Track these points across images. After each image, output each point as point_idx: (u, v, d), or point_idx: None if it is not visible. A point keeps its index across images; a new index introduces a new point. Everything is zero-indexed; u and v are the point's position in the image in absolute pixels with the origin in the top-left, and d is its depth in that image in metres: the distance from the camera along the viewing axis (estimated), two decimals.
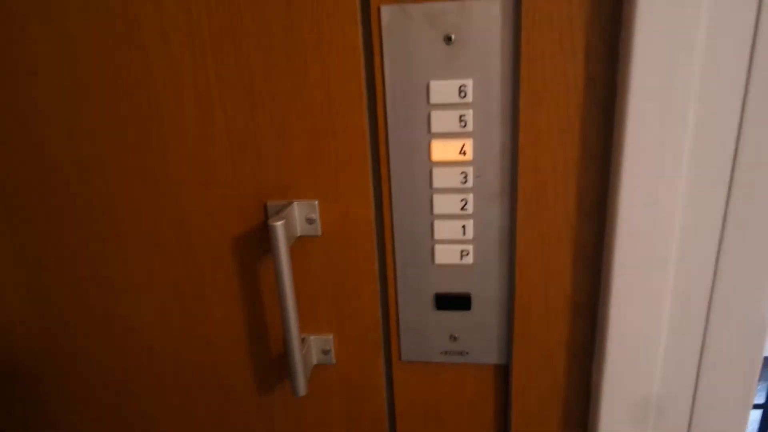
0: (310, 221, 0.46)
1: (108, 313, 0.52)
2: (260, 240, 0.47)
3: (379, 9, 0.39)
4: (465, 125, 0.41)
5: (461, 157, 0.42)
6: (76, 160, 0.47)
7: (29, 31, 0.44)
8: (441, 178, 0.43)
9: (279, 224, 0.41)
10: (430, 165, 0.43)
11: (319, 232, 0.46)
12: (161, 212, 0.48)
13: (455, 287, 0.46)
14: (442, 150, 0.42)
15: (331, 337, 0.50)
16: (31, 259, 0.52)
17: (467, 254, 0.45)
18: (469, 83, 0.40)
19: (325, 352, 0.50)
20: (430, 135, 0.42)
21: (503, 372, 0.48)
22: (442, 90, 0.40)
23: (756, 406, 1.35)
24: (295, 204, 0.45)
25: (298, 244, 0.47)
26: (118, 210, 0.48)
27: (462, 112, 0.41)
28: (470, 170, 0.42)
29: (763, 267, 0.38)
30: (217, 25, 0.41)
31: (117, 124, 0.45)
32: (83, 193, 0.48)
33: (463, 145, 0.42)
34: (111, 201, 0.48)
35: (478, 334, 0.47)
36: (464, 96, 0.40)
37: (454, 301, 0.46)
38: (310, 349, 0.50)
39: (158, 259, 0.50)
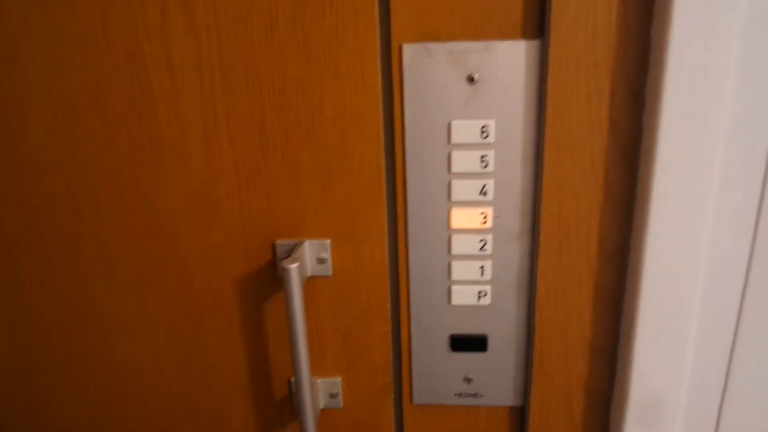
0: (321, 261, 0.44)
1: (97, 358, 0.49)
2: (266, 280, 0.45)
3: (400, 47, 0.38)
4: (486, 166, 0.40)
5: (482, 198, 0.41)
6: (67, 194, 0.44)
7: (20, 58, 0.40)
8: (460, 218, 0.42)
9: (293, 267, 0.39)
10: (449, 205, 0.41)
11: (330, 273, 0.44)
12: (159, 251, 0.45)
13: (471, 328, 0.45)
14: (463, 190, 0.41)
15: (339, 380, 0.48)
16: (13, 299, 0.48)
17: (485, 295, 0.43)
18: (491, 123, 0.39)
19: (333, 396, 0.48)
20: (451, 175, 0.41)
21: (518, 414, 0.47)
22: (464, 130, 0.39)
23: None
24: (306, 243, 0.43)
25: (308, 285, 0.45)
26: (111, 248, 0.45)
27: (483, 152, 0.40)
28: (490, 211, 0.41)
29: None
30: (227, 58, 0.39)
31: (114, 159, 0.42)
32: (73, 230, 0.45)
33: (484, 186, 0.41)
34: (104, 238, 0.45)
35: (493, 376, 0.46)
36: (486, 136, 0.39)
37: (470, 343, 0.45)
38: (317, 392, 0.48)
39: (154, 300, 0.47)
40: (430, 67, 0.38)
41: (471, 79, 0.38)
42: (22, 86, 0.41)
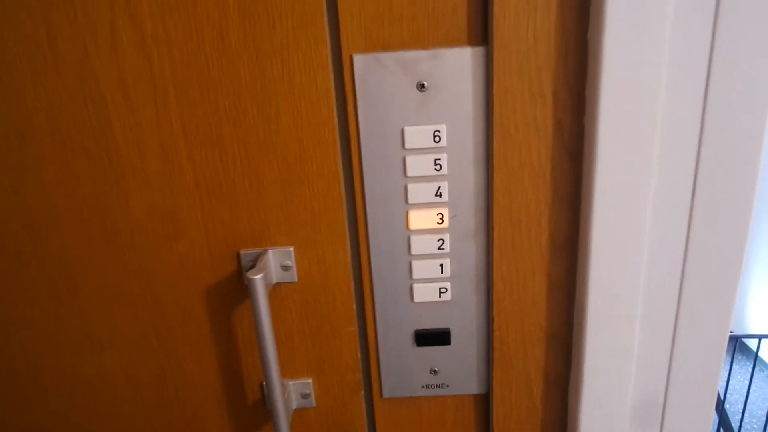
0: (285, 268, 0.45)
1: (68, 376, 0.49)
2: (233, 289, 0.46)
3: (351, 57, 0.39)
4: (440, 168, 0.42)
5: (437, 199, 0.43)
6: (25, 216, 0.44)
7: None
8: (418, 220, 0.43)
9: (258, 278, 0.40)
10: (407, 207, 0.43)
11: (296, 279, 0.45)
12: (125, 266, 0.45)
13: (434, 323, 0.47)
14: (419, 193, 0.42)
15: (310, 380, 0.49)
16: None
17: (445, 291, 0.45)
18: (442, 128, 0.41)
19: (305, 396, 0.49)
20: (407, 178, 0.42)
21: (483, 401, 0.50)
22: (417, 135, 0.41)
23: None
24: (270, 252, 0.44)
25: (275, 291, 0.46)
26: (75, 266, 0.45)
27: (437, 156, 0.41)
28: (446, 211, 0.43)
29: (723, 290, 0.41)
30: (181, 73, 0.40)
31: (72, 178, 0.42)
32: (34, 250, 0.45)
33: (439, 187, 0.42)
34: (67, 257, 0.45)
35: (458, 367, 0.48)
36: (438, 141, 0.41)
37: (433, 337, 0.47)
38: (290, 394, 0.49)
39: (122, 315, 0.47)
40: (381, 76, 0.40)
41: (421, 86, 0.40)
42: None
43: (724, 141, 0.38)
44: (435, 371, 0.48)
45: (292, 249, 0.44)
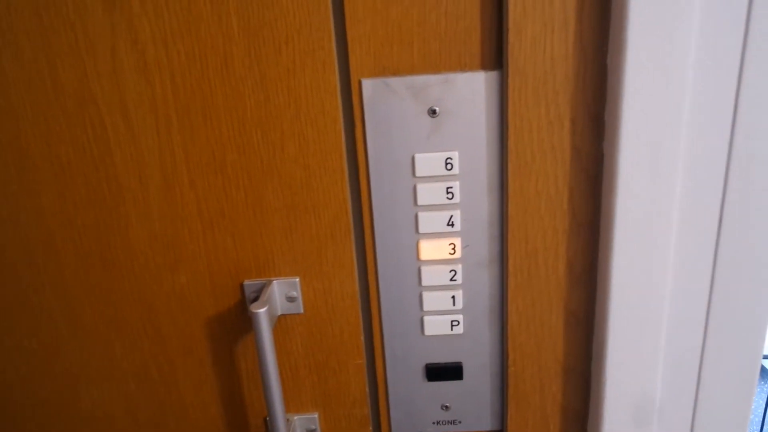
0: (290, 299, 0.43)
1: (66, 407, 0.47)
2: (236, 320, 0.44)
3: (360, 82, 0.38)
4: (452, 197, 0.40)
5: (449, 229, 0.41)
6: (23, 244, 0.42)
7: None
8: (429, 250, 0.41)
9: (262, 311, 0.38)
10: (417, 237, 0.41)
11: (301, 310, 0.43)
12: (124, 296, 0.44)
13: (446, 357, 0.45)
14: (430, 222, 0.41)
15: (316, 415, 0.47)
16: None
17: (457, 324, 0.43)
18: (455, 155, 0.39)
19: (311, 431, 0.47)
20: (417, 207, 0.40)
21: None
22: (428, 163, 0.39)
23: None
24: (275, 282, 0.42)
25: (279, 323, 0.44)
26: (73, 295, 0.44)
27: (449, 184, 0.40)
28: (459, 241, 0.41)
29: (750, 329, 0.39)
30: (183, 100, 0.38)
31: (71, 205, 0.41)
32: (31, 279, 0.43)
33: (451, 216, 0.40)
34: (64, 286, 0.44)
35: (470, 402, 0.46)
36: (450, 168, 0.39)
37: (445, 372, 0.45)
38: (294, 429, 0.47)
39: (122, 346, 0.45)
40: (391, 102, 0.38)
41: (433, 112, 0.38)
42: None
43: (752, 169, 0.36)
44: (446, 407, 0.46)
45: (297, 280, 0.42)
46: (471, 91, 0.38)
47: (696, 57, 0.34)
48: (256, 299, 0.42)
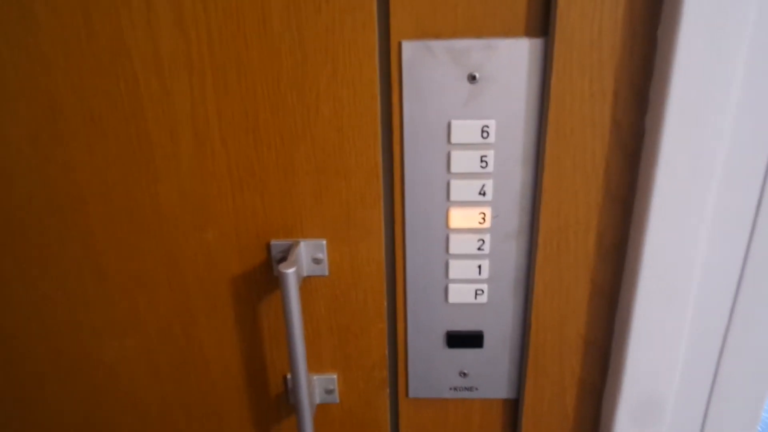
0: (317, 261, 0.43)
1: (88, 359, 0.48)
2: (262, 280, 0.44)
3: (400, 44, 0.37)
4: (486, 166, 0.40)
5: (480, 198, 0.40)
6: (51, 197, 0.42)
7: None
8: (458, 218, 0.41)
9: (290, 271, 0.39)
10: (448, 205, 0.41)
11: (327, 273, 0.44)
12: (151, 252, 0.44)
13: (468, 325, 0.45)
14: (462, 190, 0.40)
15: (335, 376, 0.48)
16: None
17: (482, 293, 0.43)
18: (491, 123, 0.38)
19: (329, 392, 0.48)
20: (450, 175, 0.40)
21: (512, 406, 0.48)
22: (464, 130, 0.39)
23: None
24: (302, 244, 0.42)
25: (304, 285, 0.44)
26: (100, 250, 0.44)
27: (483, 152, 0.39)
28: (489, 211, 0.41)
29: None
30: (219, 56, 0.37)
31: (100, 159, 0.41)
32: (59, 232, 0.43)
33: (483, 186, 0.40)
34: (92, 240, 0.44)
35: (488, 371, 0.46)
36: (486, 136, 0.39)
37: (466, 339, 0.45)
38: (314, 388, 0.48)
39: (147, 301, 0.46)
40: (430, 65, 0.37)
41: (472, 78, 0.37)
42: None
43: None
44: (464, 374, 0.47)
45: (324, 242, 0.42)
46: (513, 58, 0.37)
47: (752, 35, 0.33)
48: (282, 260, 0.42)
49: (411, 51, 0.37)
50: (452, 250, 0.42)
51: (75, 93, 0.39)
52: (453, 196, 0.41)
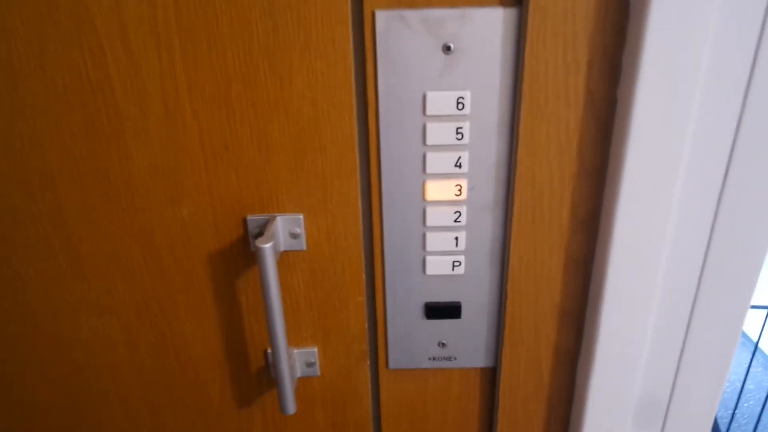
0: (294, 236, 0.43)
1: (63, 337, 0.48)
2: (239, 255, 0.44)
3: (373, 14, 0.36)
4: (461, 138, 0.39)
5: (457, 170, 0.40)
6: (16, 172, 0.41)
7: None
8: (435, 190, 0.41)
9: (268, 246, 0.38)
10: (424, 177, 0.41)
11: (304, 247, 0.43)
12: (124, 228, 0.43)
13: (445, 296, 0.46)
14: (438, 162, 0.40)
15: (315, 349, 0.48)
16: None
17: (459, 265, 0.44)
18: (467, 95, 0.38)
19: (310, 365, 0.49)
20: (426, 147, 0.40)
21: (490, 374, 0.49)
22: (440, 101, 0.38)
23: None
24: (279, 218, 0.42)
25: (282, 259, 0.44)
26: (71, 226, 0.43)
27: (459, 124, 0.39)
28: (465, 183, 0.41)
29: (744, 282, 0.40)
30: (186, 24, 0.36)
31: (67, 133, 0.40)
32: (27, 208, 0.42)
33: (459, 158, 0.40)
34: (62, 216, 0.43)
35: (466, 340, 0.47)
36: (462, 108, 0.39)
37: (444, 311, 0.46)
38: (294, 362, 0.48)
39: (122, 278, 0.45)
40: (404, 36, 0.37)
41: (447, 49, 0.37)
42: None
43: (764, 124, 0.36)
44: (443, 344, 0.48)
45: (301, 216, 0.42)
46: (488, 28, 0.36)
47: (721, 5, 0.33)
48: (259, 234, 0.42)
49: (385, 21, 0.36)
50: (429, 222, 0.42)
51: (37, 63, 0.37)
52: (429, 169, 0.41)
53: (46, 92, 0.38)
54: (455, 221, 0.42)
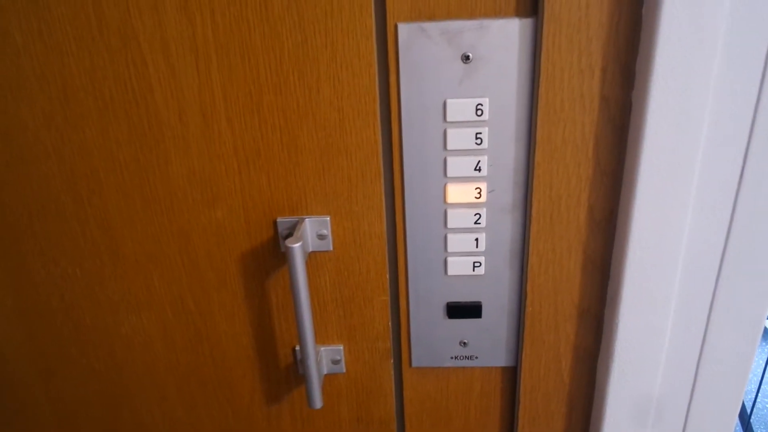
0: (321, 237, 0.45)
1: (105, 332, 0.51)
2: (269, 256, 0.46)
3: (396, 26, 0.39)
4: (480, 142, 0.41)
5: (476, 174, 0.42)
6: (67, 177, 0.44)
7: (12, 43, 0.40)
8: (455, 193, 0.43)
9: (297, 246, 0.41)
10: (445, 181, 0.43)
11: (331, 248, 0.46)
12: (163, 229, 0.46)
13: (466, 296, 0.47)
14: (458, 167, 0.42)
15: (341, 347, 0.50)
16: (20, 280, 0.49)
17: (479, 265, 0.45)
18: (485, 101, 0.40)
19: (335, 362, 0.51)
20: (446, 152, 0.42)
21: (510, 373, 0.50)
22: (459, 108, 0.40)
23: None
24: (307, 220, 0.45)
25: (310, 259, 0.46)
26: (115, 228, 0.46)
27: (478, 129, 0.41)
28: (485, 186, 0.43)
29: (762, 280, 0.41)
30: (223, 39, 0.39)
31: (112, 141, 0.43)
32: (75, 211, 0.46)
33: (479, 162, 0.42)
34: (106, 219, 0.46)
35: (487, 340, 0.49)
36: (481, 114, 0.40)
37: (465, 310, 0.47)
38: (321, 359, 0.50)
39: (160, 277, 0.48)
40: (425, 46, 0.39)
41: (466, 58, 0.39)
42: (15, 71, 0.41)
43: None
44: (465, 343, 0.49)
45: (328, 218, 0.45)
46: (504, 38, 0.38)
47: (730, 11, 0.34)
48: (288, 236, 0.44)
49: (407, 33, 0.38)
50: (450, 224, 0.44)
51: (87, 77, 0.41)
52: (450, 172, 0.42)
53: (95, 103, 0.42)
54: (475, 223, 0.44)
